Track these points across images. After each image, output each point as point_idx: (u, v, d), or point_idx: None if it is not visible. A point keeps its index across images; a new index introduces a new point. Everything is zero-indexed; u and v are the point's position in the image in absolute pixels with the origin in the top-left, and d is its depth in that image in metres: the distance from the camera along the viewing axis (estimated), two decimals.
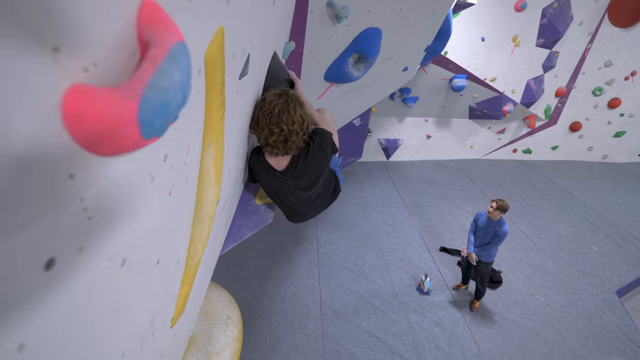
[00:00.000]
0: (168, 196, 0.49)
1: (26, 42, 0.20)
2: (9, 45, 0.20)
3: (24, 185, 0.22)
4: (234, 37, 0.65)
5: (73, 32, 0.23)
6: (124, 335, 0.44)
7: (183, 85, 0.29)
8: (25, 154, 0.21)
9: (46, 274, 0.26)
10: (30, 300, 0.25)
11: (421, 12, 2.11)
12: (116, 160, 0.32)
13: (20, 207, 0.22)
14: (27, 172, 0.22)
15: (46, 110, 0.22)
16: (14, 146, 0.20)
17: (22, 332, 0.25)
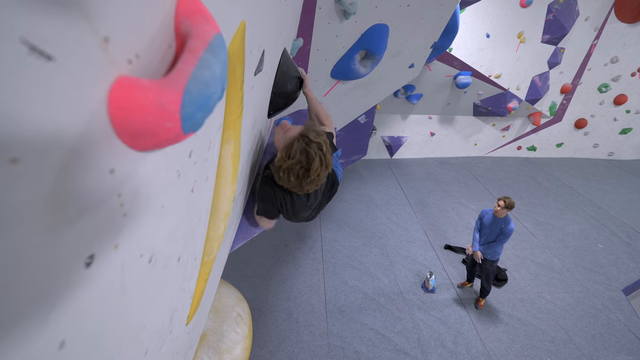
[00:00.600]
0: (191, 193, 0.49)
1: (85, 30, 0.20)
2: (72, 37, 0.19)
3: (72, 180, 0.22)
4: (252, 32, 0.64)
5: (120, 21, 0.23)
6: (148, 331, 0.44)
7: (222, 78, 0.29)
8: (74, 148, 0.21)
9: (86, 270, 0.26)
10: (71, 298, 0.25)
11: (429, 8, 2.09)
12: (149, 156, 0.31)
13: (68, 203, 0.22)
14: (75, 167, 0.21)
15: (94, 104, 0.22)
16: (65, 141, 0.20)
17: (62, 330, 0.25)
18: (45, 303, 0.22)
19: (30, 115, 0.17)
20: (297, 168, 1.10)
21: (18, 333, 0.21)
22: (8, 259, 0.18)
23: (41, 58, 0.17)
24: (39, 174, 0.19)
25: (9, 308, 0.19)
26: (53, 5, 0.18)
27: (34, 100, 0.17)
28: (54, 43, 0.18)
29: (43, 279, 0.21)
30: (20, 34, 0.16)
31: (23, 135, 0.17)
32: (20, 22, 0.17)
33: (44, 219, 0.20)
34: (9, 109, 0.16)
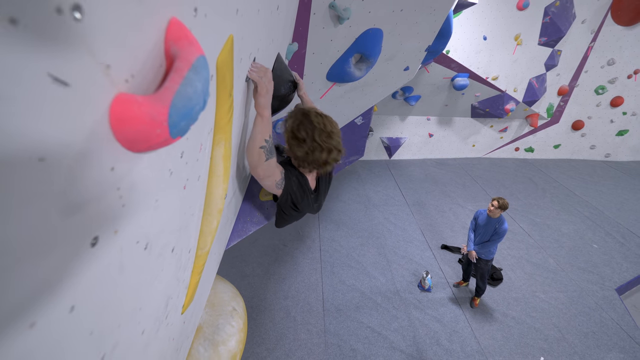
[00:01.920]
0: (183, 189, 0.55)
1: (90, 62, 0.26)
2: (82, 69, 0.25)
3: (81, 175, 0.27)
4: (241, 43, 0.70)
5: (120, 51, 0.29)
6: (144, 312, 0.49)
7: (204, 93, 0.35)
8: (82, 150, 0.27)
9: (92, 249, 0.32)
10: (79, 271, 0.30)
11: (422, 12, 2.15)
12: (144, 157, 0.37)
13: (78, 193, 0.28)
14: (83, 164, 0.27)
15: (98, 116, 0.28)
16: (77, 145, 0.26)
17: (72, 297, 0.31)
18: (59, 273, 0.28)
19: (52, 126, 0.23)
20: (317, 155, 1.25)
21: (38, 297, 0.26)
22: (32, 236, 0.24)
23: (60, 85, 0.23)
24: (58, 170, 0.25)
25: (32, 275, 0.25)
26: (66, 47, 0.24)
27: (55, 114, 0.23)
28: (68, 73, 0.24)
29: (58, 253, 0.27)
30: (47, 70, 0.22)
31: (47, 140, 0.23)
32: (46, 61, 0.22)
33: (59, 205, 0.26)
34: (38, 121, 0.22)
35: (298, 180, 1.35)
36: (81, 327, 0.32)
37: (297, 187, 1.34)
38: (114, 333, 0.40)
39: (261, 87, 1.03)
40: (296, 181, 1.34)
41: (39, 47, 0.22)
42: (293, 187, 1.33)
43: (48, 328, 0.28)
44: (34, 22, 0.22)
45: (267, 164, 1.15)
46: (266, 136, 1.10)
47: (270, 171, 1.19)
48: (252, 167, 1.15)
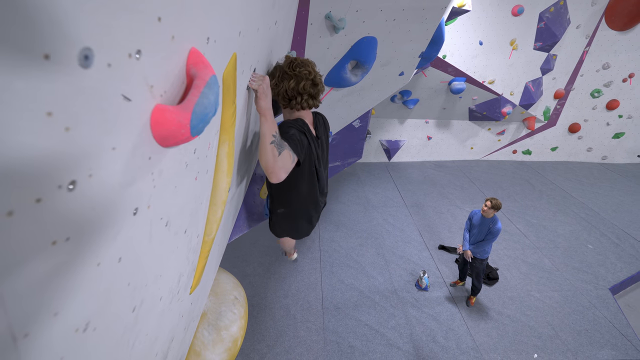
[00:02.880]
0: (194, 180, 0.66)
1: (143, 85, 0.38)
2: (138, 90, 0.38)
3: (130, 160, 0.39)
4: (243, 58, 0.82)
5: (159, 75, 0.40)
6: (163, 280, 0.60)
7: (215, 103, 0.46)
8: (135, 142, 0.38)
9: (133, 217, 0.43)
10: (125, 231, 0.42)
11: (414, 22, 2.27)
12: (169, 150, 0.48)
13: (129, 171, 0.39)
14: (134, 153, 0.39)
15: (145, 120, 0.39)
16: (132, 139, 0.38)
17: (120, 249, 0.42)
18: (115, 231, 0.39)
19: (122, 126, 0.35)
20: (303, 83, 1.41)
21: (102, 245, 0.37)
22: (97, 201, 0.36)
23: (127, 100, 0.35)
24: (122, 156, 0.36)
25: (103, 231, 0.36)
26: (131, 77, 0.36)
27: (123, 119, 0.35)
28: (131, 93, 0.36)
29: (112, 217, 0.38)
30: (121, 92, 0.34)
31: (119, 135, 0.35)
32: (121, 87, 0.34)
33: (120, 180, 0.38)
34: (115, 123, 0.34)
35: (297, 128, 1.46)
36: (124, 277, 0.44)
37: (299, 134, 1.43)
38: (142, 291, 0.51)
39: (260, 92, 1.16)
40: (297, 132, 1.44)
41: (119, 78, 0.34)
42: (295, 135, 1.41)
43: (107, 269, 0.39)
44: (119, 63, 0.34)
45: (281, 157, 1.27)
46: (273, 132, 1.23)
47: (286, 161, 1.30)
48: (269, 167, 1.23)
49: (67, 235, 0.33)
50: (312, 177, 1.57)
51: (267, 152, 1.20)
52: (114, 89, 0.35)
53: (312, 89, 1.47)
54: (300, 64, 1.44)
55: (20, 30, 0.25)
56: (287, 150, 1.31)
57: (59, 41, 0.28)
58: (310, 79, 1.44)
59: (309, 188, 1.59)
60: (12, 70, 0.25)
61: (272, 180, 1.25)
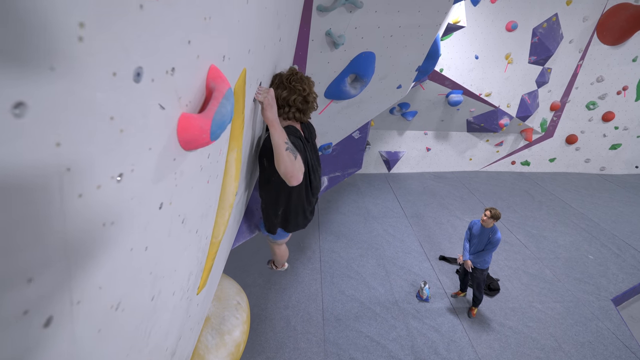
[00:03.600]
0: (207, 183, 0.72)
1: (174, 96, 0.44)
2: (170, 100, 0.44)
3: (161, 160, 0.45)
4: (251, 72, 0.89)
5: (186, 88, 0.46)
6: (177, 274, 0.65)
7: (231, 112, 0.52)
8: (165, 144, 0.44)
9: (159, 211, 0.49)
10: (150, 224, 0.47)
11: (410, 38, 2.37)
12: (189, 154, 0.54)
13: (159, 169, 0.45)
14: (163, 154, 0.45)
15: (173, 125, 0.45)
16: (162, 141, 0.44)
17: (146, 241, 0.47)
18: (144, 221, 0.44)
19: (157, 131, 0.42)
20: (294, 97, 1.51)
21: (131, 235, 0.43)
22: (135, 192, 0.41)
23: (161, 109, 0.41)
24: (156, 156, 0.43)
25: (137, 222, 0.42)
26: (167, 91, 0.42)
27: (159, 125, 0.42)
28: (165, 103, 0.42)
29: (144, 208, 0.44)
30: (158, 102, 0.40)
31: (154, 139, 0.41)
32: (158, 98, 0.41)
33: (152, 176, 0.43)
34: (152, 130, 0.40)
35: (290, 133, 1.51)
36: (148, 265, 0.49)
37: (295, 140, 1.49)
38: (160, 282, 0.55)
39: (266, 104, 1.24)
40: (292, 137, 1.49)
41: (158, 91, 0.41)
42: (296, 142, 1.47)
43: (136, 255, 0.44)
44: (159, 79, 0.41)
45: (297, 160, 1.34)
46: (285, 140, 1.30)
47: (300, 162, 1.37)
48: (289, 171, 1.29)
49: (112, 220, 0.38)
50: (305, 177, 1.67)
51: (284, 158, 1.27)
52: (154, 99, 0.42)
53: (302, 104, 1.55)
54: (298, 79, 1.52)
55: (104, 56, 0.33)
56: (300, 155, 1.38)
57: (123, 62, 0.35)
58: (302, 95, 1.52)
59: (303, 186, 1.68)
60: (95, 85, 0.33)
61: (292, 183, 1.32)
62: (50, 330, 0.32)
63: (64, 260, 0.32)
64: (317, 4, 1.80)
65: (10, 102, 0.25)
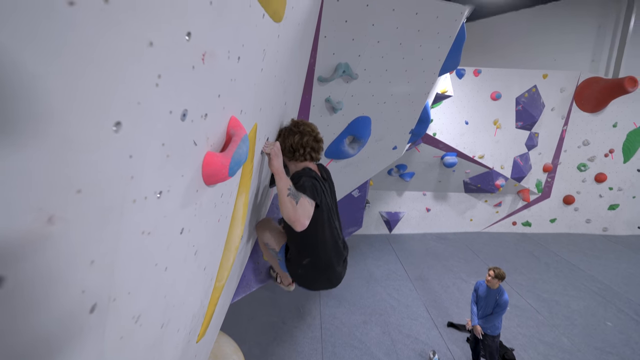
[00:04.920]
0: (218, 222, 0.78)
1: (204, 139, 0.54)
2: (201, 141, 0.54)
3: (188, 190, 0.53)
4: (261, 128, 1.02)
5: (213, 132, 0.57)
6: (184, 310, 0.67)
7: (246, 153, 0.62)
8: (192, 177, 0.52)
9: (179, 236, 0.55)
10: (172, 247, 0.53)
11: (402, 104, 2.63)
12: (208, 189, 0.62)
13: (185, 198, 0.52)
14: (191, 185, 0.53)
15: (200, 160, 0.54)
16: (192, 173, 0.52)
17: (167, 261, 0.52)
18: (168, 242, 0.50)
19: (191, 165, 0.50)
20: (306, 138, 1.65)
21: (158, 251, 0.48)
22: (167, 210, 0.48)
23: (194, 145, 0.50)
24: (184, 183, 0.50)
25: (160, 234, 0.48)
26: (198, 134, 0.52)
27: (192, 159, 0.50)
28: (197, 140, 0.52)
29: (170, 228, 0.50)
30: (193, 139, 0.50)
31: (187, 168, 0.49)
32: (193, 134, 0.50)
33: (179, 200, 0.51)
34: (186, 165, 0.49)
35: (306, 175, 1.57)
36: (165, 287, 0.53)
37: (310, 180, 1.52)
38: (171, 311, 0.58)
39: (273, 155, 1.38)
40: (307, 178, 1.54)
41: (194, 130, 0.51)
42: (307, 182, 1.50)
43: (158, 273, 0.50)
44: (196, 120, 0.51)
45: (300, 205, 1.37)
46: (288, 185, 1.38)
47: (306, 208, 1.39)
48: (291, 216, 1.31)
49: (149, 230, 0.44)
50: (330, 219, 1.64)
51: (286, 204, 1.32)
52: (191, 136, 0.52)
53: (315, 143, 1.69)
54: (304, 124, 1.69)
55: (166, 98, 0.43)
56: (304, 197, 1.41)
57: (176, 104, 0.45)
58: (312, 135, 1.68)
59: (329, 231, 1.64)
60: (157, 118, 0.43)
61: (297, 228, 1.33)
62: (92, 317, 0.36)
63: (113, 251, 0.38)
64: (317, 75, 2.06)
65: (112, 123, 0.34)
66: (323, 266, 1.66)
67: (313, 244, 1.61)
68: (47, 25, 0.25)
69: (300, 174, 1.60)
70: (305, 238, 1.58)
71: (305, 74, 1.99)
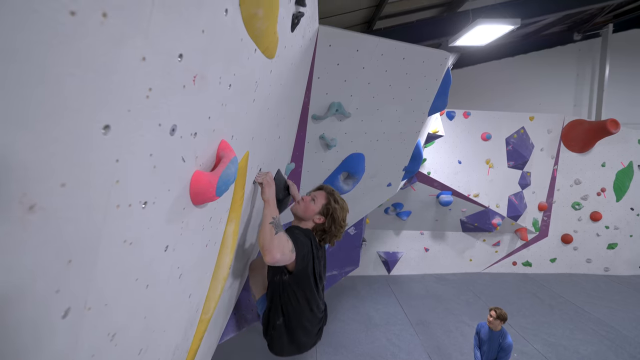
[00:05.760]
0: (205, 247, 0.77)
1: (193, 158, 0.56)
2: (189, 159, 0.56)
3: (174, 205, 0.53)
4: (253, 157, 1.05)
5: (203, 154, 0.59)
6: (165, 339, 0.63)
7: (234, 174, 0.63)
8: (180, 192, 0.53)
9: (164, 253, 0.54)
10: (155, 263, 0.52)
11: (394, 142, 2.71)
12: (195, 209, 0.62)
13: (172, 214, 0.53)
14: (178, 201, 0.54)
15: (188, 178, 0.55)
16: (179, 187, 0.53)
17: (149, 278, 0.51)
18: (150, 257, 0.49)
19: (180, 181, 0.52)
20: (342, 214, 1.65)
21: (140, 263, 0.47)
22: (152, 223, 0.48)
23: (183, 161, 0.52)
24: (170, 198, 0.51)
25: (145, 245, 0.47)
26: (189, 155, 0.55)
27: (177, 172, 0.52)
28: (186, 157, 0.54)
29: (154, 242, 0.50)
30: (181, 155, 0.52)
31: (174, 183, 0.51)
32: (182, 151, 0.53)
33: (164, 215, 0.51)
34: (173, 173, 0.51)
35: (305, 234, 1.53)
36: (145, 305, 0.51)
37: (305, 237, 1.50)
38: (150, 335, 0.55)
39: (265, 184, 1.39)
40: (302, 235, 1.50)
41: (183, 146, 0.53)
42: (300, 237, 1.48)
43: (138, 289, 0.49)
44: (185, 137, 0.54)
45: (278, 237, 1.32)
46: (274, 215, 1.36)
47: (282, 243, 1.34)
48: (266, 244, 1.26)
49: (132, 240, 0.44)
50: (311, 287, 1.56)
51: (265, 230, 1.28)
52: (179, 152, 0.54)
53: (339, 235, 1.70)
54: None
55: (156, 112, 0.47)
56: (286, 236, 1.38)
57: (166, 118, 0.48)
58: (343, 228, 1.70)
59: (313, 300, 1.57)
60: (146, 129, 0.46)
61: (266, 259, 1.26)
62: (65, 323, 0.34)
63: (93, 254, 0.37)
64: (312, 113, 2.15)
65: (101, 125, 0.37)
66: (293, 330, 1.57)
67: (293, 307, 1.52)
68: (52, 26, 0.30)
69: (300, 230, 1.56)
70: (281, 298, 1.50)
71: (300, 112, 2.08)
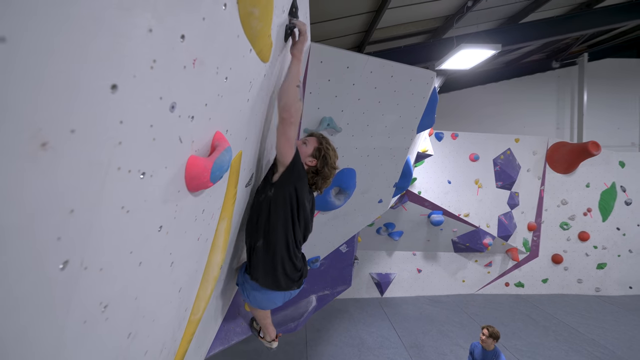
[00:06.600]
0: (197, 240, 0.77)
1: (189, 144, 0.59)
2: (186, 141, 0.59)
3: (170, 186, 0.55)
4: (245, 158, 1.08)
5: (200, 141, 0.62)
6: (154, 330, 0.63)
7: (228, 162, 0.66)
8: (175, 174, 0.55)
9: (157, 233, 0.55)
10: (149, 243, 0.53)
11: (384, 158, 2.78)
12: (189, 195, 0.64)
13: (167, 194, 0.55)
14: (174, 183, 0.55)
15: (184, 161, 0.58)
16: (174, 169, 0.55)
17: (141, 255, 0.52)
18: (144, 235, 0.50)
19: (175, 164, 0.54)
20: (334, 157, 1.59)
21: (136, 239, 0.48)
22: (150, 197, 0.50)
23: (179, 142, 0.55)
24: (167, 176, 0.53)
25: (141, 220, 0.49)
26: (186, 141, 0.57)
27: (174, 152, 0.55)
28: (183, 138, 0.57)
29: (151, 218, 0.51)
30: (178, 135, 0.54)
31: (171, 161, 0.53)
32: (179, 131, 0.55)
33: (160, 192, 0.53)
34: (171, 152, 0.53)
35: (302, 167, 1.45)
36: (135, 283, 0.51)
37: (302, 170, 1.42)
38: (139, 321, 0.55)
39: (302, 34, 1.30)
40: (301, 167, 1.42)
41: (180, 126, 0.56)
42: (299, 166, 1.40)
43: (130, 268, 0.49)
44: (184, 118, 0.56)
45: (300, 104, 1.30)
46: (300, 78, 1.29)
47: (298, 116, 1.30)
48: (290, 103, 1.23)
49: (129, 208, 0.46)
50: (288, 218, 1.45)
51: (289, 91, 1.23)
52: (177, 131, 0.56)
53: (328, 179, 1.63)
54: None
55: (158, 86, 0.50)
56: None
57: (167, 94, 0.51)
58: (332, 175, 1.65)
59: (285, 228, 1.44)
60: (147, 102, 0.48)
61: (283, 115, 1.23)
62: (62, 275, 0.35)
63: (94, 211, 0.38)
64: (304, 127, 2.21)
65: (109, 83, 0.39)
66: (273, 257, 1.44)
67: (272, 227, 1.40)
68: None
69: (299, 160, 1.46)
70: (266, 217, 1.39)
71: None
